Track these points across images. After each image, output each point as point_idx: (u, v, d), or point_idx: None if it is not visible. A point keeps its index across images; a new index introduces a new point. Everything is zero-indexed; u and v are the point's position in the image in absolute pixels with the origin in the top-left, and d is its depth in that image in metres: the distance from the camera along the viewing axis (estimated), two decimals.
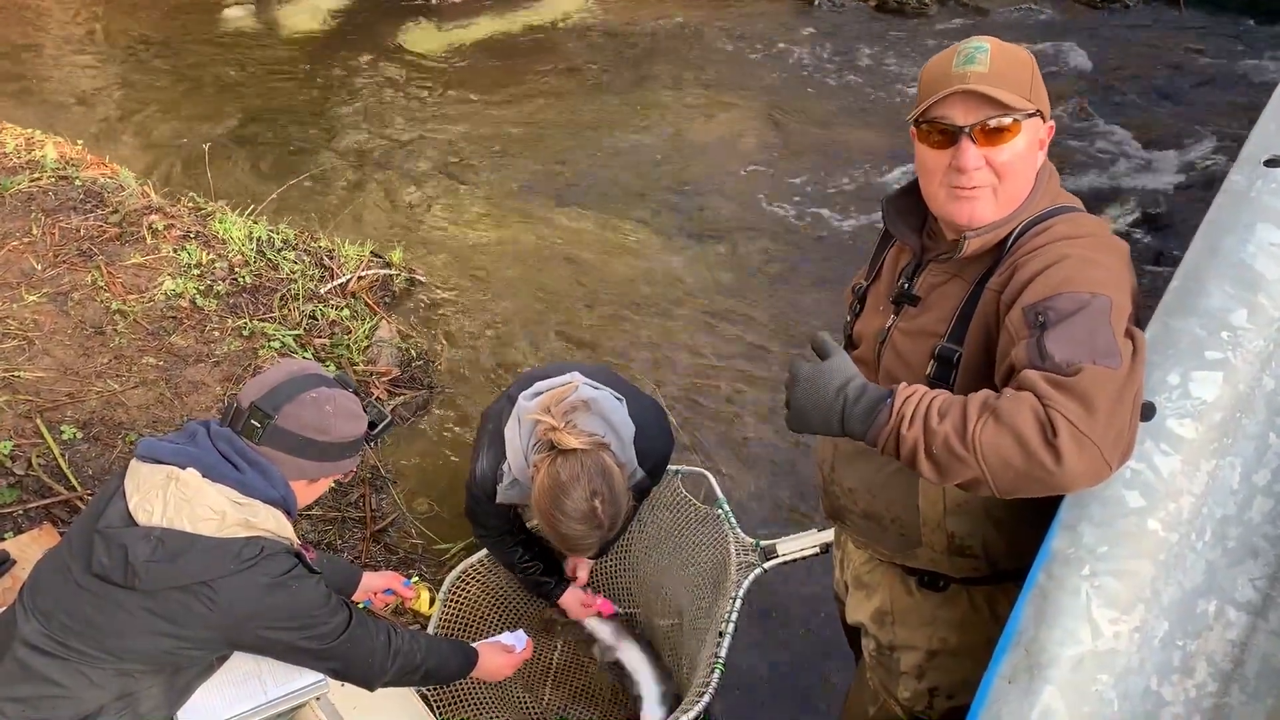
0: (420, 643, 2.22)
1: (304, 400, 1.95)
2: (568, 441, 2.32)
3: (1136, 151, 6.02)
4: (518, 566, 2.79)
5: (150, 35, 8.27)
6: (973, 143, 1.64)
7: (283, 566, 1.92)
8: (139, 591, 1.83)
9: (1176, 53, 7.02)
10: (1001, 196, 1.69)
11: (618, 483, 2.36)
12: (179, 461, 1.89)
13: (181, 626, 1.87)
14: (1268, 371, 1.49)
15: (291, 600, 1.93)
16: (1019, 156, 1.67)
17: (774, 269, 5.22)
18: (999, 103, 1.62)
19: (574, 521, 2.32)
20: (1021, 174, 1.69)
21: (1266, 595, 1.42)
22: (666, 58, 7.77)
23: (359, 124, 6.88)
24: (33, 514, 3.26)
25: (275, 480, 1.95)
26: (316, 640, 1.99)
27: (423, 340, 4.63)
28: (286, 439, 1.94)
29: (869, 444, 1.56)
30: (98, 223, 4.74)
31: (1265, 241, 1.56)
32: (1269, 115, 1.75)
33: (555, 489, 2.31)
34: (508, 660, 2.50)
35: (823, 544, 2.76)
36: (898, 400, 1.52)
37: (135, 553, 1.81)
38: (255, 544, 1.88)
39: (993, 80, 1.63)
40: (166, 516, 1.84)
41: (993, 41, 1.69)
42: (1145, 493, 1.44)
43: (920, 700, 2.07)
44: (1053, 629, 1.43)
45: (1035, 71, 1.70)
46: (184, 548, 1.83)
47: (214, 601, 1.85)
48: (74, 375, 3.86)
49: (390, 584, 2.72)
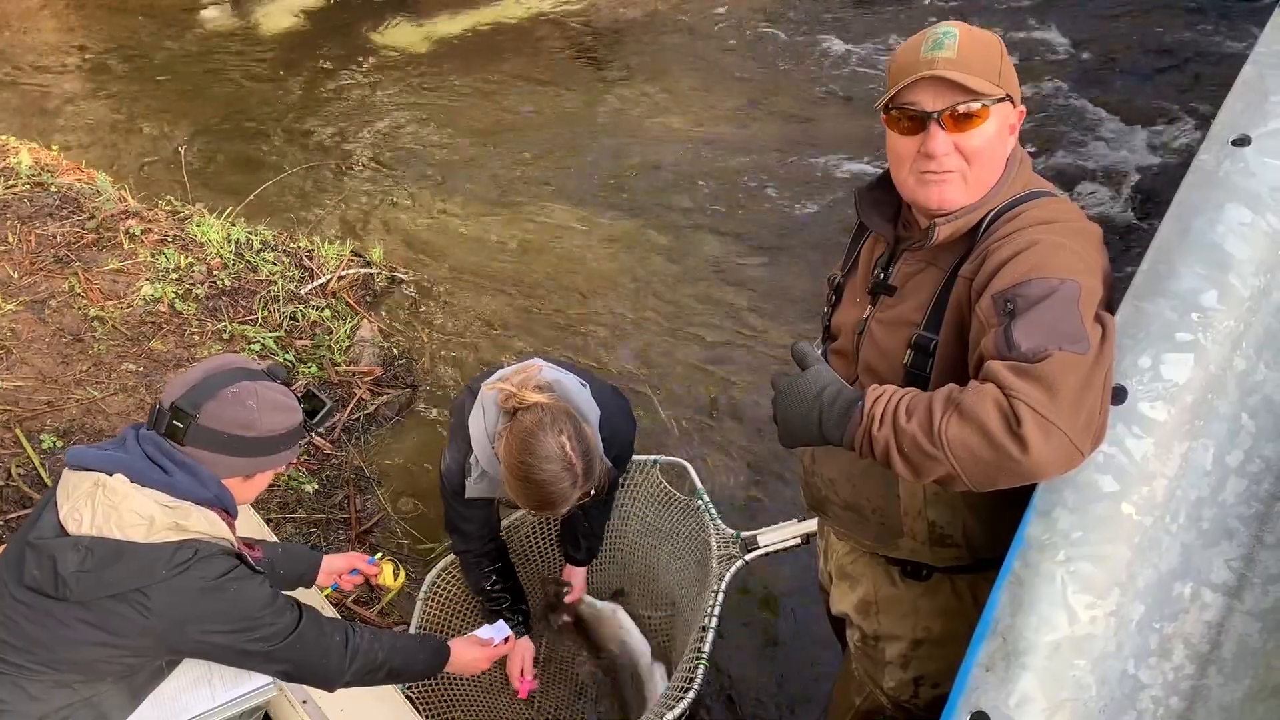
0: (382, 640, 2.17)
1: (224, 396, 1.90)
2: (529, 397, 2.29)
3: (1116, 131, 6.01)
4: (487, 595, 2.75)
5: (125, 38, 8.21)
6: (941, 128, 1.64)
7: (219, 569, 1.87)
8: (72, 602, 1.79)
9: (1157, 32, 7.01)
10: (971, 181, 1.69)
11: (584, 427, 2.32)
12: (105, 468, 1.85)
13: (117, 635, 1.83)
14: (1239, 352, 1.48)
15: (231, 603, 1.88)
16: (988, 141, 1.66)
17: (754, 259, 5.21)
18: (967, 88, 1.62)
19: (546, 463, 2.24)
20: (991, 159, 1.69)
21: (1242, 576, 1.42)
22: (647, 47, 7.74)
23: (337, 122, 6.85)
24: (12, 525, 3.24)
25: (206, 480, 1.90)
26: (262, 642, 1.94)
27: (405, 339, 4.61)
28: (211, 437, 1.89)
29: (847, 448, 1.58)
30: (74, 229, 4.71)
31: (1235, 222, 1.55)
32: (1236, 95, 1.74)
33: (522, 435, 2.25)
34: (484, 653, 2.46)
35: (804, 535, 2.74)
36: (868, 401, 1.53)
37: (64, 563, 1.78)
38: (189, 547, 1.84)
39: (961, 66, 1.63)
40: (95, 525, 1.80)
41: (961, 26, 1.68)
42: (1118, 477, 1.44)
43: (905, 690, 2.07)
44: (1029, 616, 1.42)
45: (1004, 56, 1.69)
46: (113, 556, 1.79)
47: (148, 608, 1.81)
48: (53, 383, 3.83)
49: (354, 564, 2.68)
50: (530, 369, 2.45)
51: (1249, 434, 1.47)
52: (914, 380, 1.71)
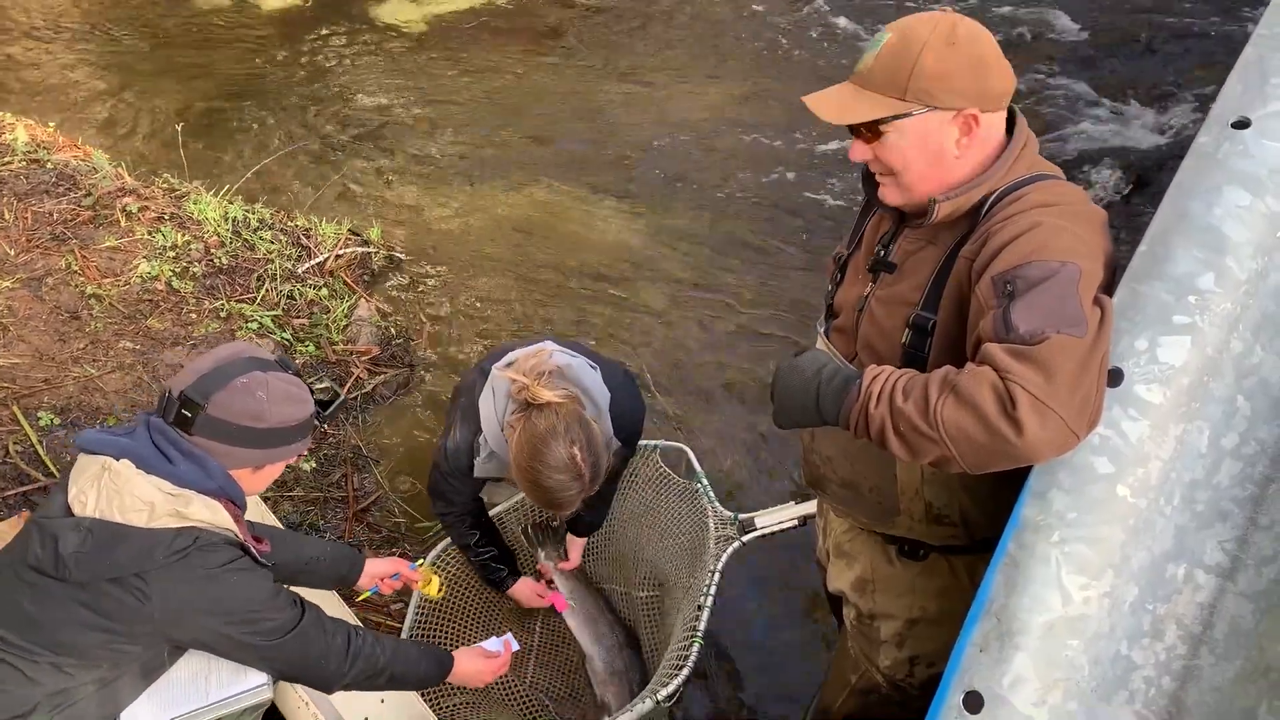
0: (385, 646, 2.15)
1: (234, 387, 1.88)
2: (542, 395, 2.30)
3: (1119, 114, 6.00)
4: (473, 550, 2.79)
5: (122, 14, 8.15)
6: (857, 136, 1.72)
7: (221, 558, 1.86)
8: (71, 583, 1.79)
9: (1153, 13, 6.99)
10: (903, 184, 1.73)
11: (595, 433, 2.35)
12: (113, 452, 1.85)
13: (114, 620, 1.82)
14: (1235, 335, 1.49)
15: (230, 593, 1.87)
16: (902, 153, 1.68)
17: (755, 240, 5.20)
18: (862, 108, 1.66)
19: (555, 472, 2.28)
20: (916, 166, 1.69)
21: (1235, 558, 1.42)
22: (645, 28, 7.70)
23: (335, 100, 6.81)
24: (10, 502, 3.24)
25: (213, 471, 1.89)
26: (260, 636, 1.92)
27: (403, 318, 4.60)
28: (220, 428, 1.88)
29: (842, 426, 1.58)
30: (71, 206, 4.69)
31: (1232, 204, 1.55)
32: (1236, 77, 1.73)
33: (534, 441, 2.28)
34: (487, 666, 2.44)
35: (801, 516, 2.76)
36: (866, 379, 1.55)
37: (65, 543, 1.78)
38: (189, 534, 1.83)
39: (866, 80, 1.67)
40: (98, 507, 1.80)
41: (897, 30, 1.66)
42: (1114, 458, 1.44)
43: (901, 668, 2.09)
44: (1023, 596, 1.43)
45: (925, 64, 1.62)
46: (113, 538, 1.79)
47: (145, 594, 1.79)
48: (50, 361, 3.83)
49: (396, 568, 2.65)
50: (541, 353, 2.46)
51: (1244, 417, 1.47)
52: (912, 360, 1.71)
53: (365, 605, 3.06)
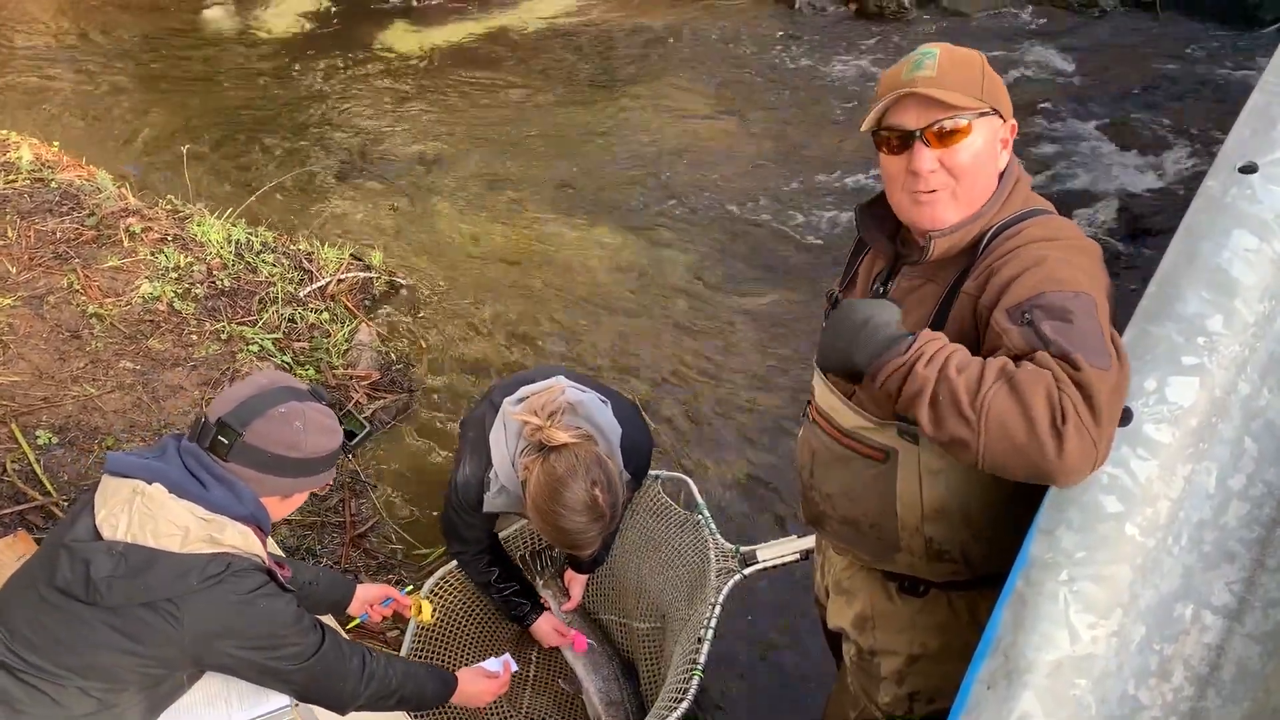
0: (396, 668, 2.17)
1: (272, 416, 1.89)
2: (557, 437, 2.30)
3: (1112, 156, 6.06)
4: (493, 587, 2.76)
5: (129, 36, 8.21)
6: (926, 145, 1.66)
7: (251, 584, 1.86)
8: (102, 607, 1.78)
9: (1152, 59, 7.08)
10: (961, 197, 1.70)
11: (613, 471, 2.34)
12: (145, 476, 1.84)
13: (145, 644, 1.81)
14: (1243, 377, 1.49)
15: (259, 618, 1.87)
16: (975, 156, 1.68)
17: (754, 272, 5.22)
18: (947, 104, 1.63)
19: (575, 514, 2.27)
20: (980, 174, 1.70)
21: (1242, 599, 1.42)
22: (647, 61, 7.77)
23: (339, 126, 6.85)
24: (6, 520, 3.23)
25: (245, 498, 1.89)
26: (286, 661, 1.93)
27: (403, 343, 4.61)
28: (256, 456, 1.88)
29: (870, 374, 1.53)
30: (74, 225, 4.70)
31: (1240, 247, 1.56)
32: (1243, 121, 1.75)
33: (553, 484, 2.27)
34: (488, 686, 2.45)
35: (803, 551, 2.75)
36: (922, 339, 1.51)
37: (97, 567, 1.77)
38: (221, 560, 1.83)
39: (940, 83, 1.65)
40: (131, 532, 1.79)
41: (942, 47, 1.70)
42: (1123, 497, 1.44)
43: (900, 705, 2.07)
44: (1031, 634, 1.42)
45: (986, 71, 1.70)
46: (147, 563, 1.78)
47: (178, 619, 1.80)
48: (49, 379, 3.82)
49: (387, 594, 2.66)
50: (553, 390, 2.45)
51: (1252, 458, 1.48)
52: None
53: (358, 632, 3.04)
